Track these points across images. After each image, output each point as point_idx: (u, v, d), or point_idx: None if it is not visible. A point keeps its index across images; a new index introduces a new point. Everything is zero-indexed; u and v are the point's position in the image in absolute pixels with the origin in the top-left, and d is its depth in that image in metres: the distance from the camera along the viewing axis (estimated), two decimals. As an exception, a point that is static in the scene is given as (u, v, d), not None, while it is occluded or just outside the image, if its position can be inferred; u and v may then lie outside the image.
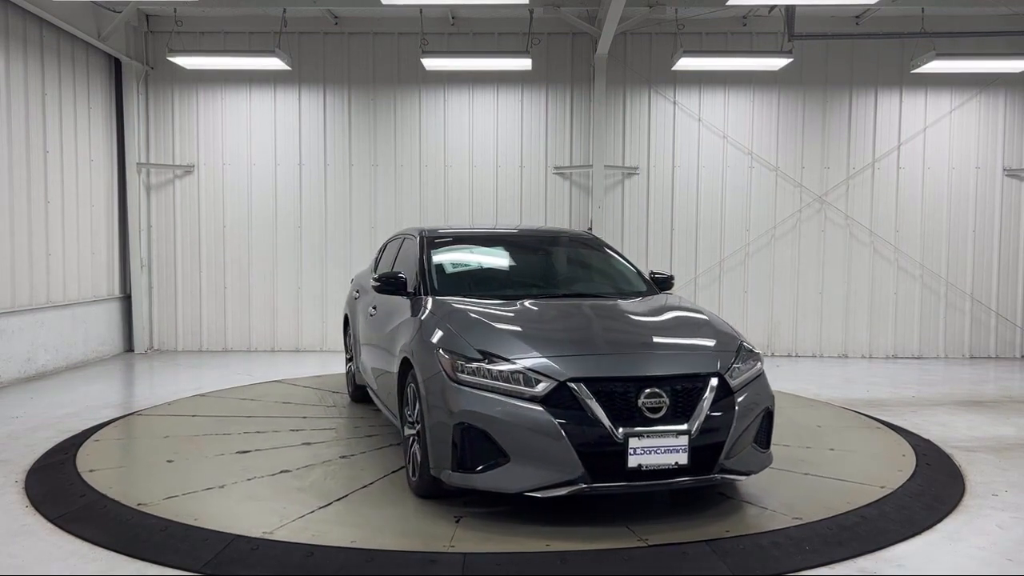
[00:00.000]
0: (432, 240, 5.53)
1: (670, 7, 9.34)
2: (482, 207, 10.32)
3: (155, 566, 3.51)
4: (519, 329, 4.27)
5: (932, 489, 4.63)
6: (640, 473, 3.80)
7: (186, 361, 9.54)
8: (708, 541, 3.75)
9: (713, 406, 3.96)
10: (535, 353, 3.97)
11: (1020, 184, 10.31)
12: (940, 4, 9.27)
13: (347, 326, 7.13)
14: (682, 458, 3.83)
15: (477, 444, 3.86)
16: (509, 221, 10.26)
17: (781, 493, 4.48)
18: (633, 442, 3.77)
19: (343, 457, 5.18)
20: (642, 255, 10.10)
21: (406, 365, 4.57)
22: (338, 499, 4.33)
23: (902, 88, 10.19)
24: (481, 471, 3.86)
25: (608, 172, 10.14)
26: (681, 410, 3.91)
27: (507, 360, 3.94)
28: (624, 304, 4.99)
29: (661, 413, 3.86)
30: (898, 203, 10.29)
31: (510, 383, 3.88)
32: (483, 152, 10.32)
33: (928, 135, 10.24)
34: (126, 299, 10.23)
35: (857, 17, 9.85)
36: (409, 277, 5.17)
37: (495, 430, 3.81)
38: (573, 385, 3.83)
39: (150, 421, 6.24)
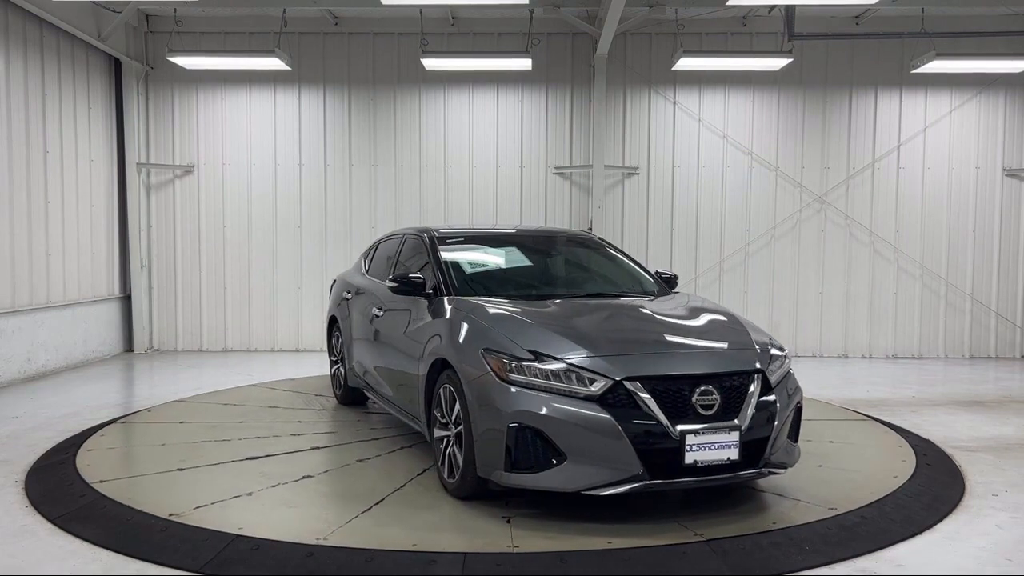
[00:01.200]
0: (443, 240, 5.49)
1: (670, 7, 9.33)
2: (482, 207, 10.32)
3: (155, 566, 3.51)
4: (562, 328, 4.27)
5: (932, 489, 4.63)
6: (696, 469, 3.86)
7: (186, 361, 9.54)
8: (708, 541, 3.75)
9: (758, 402, 4.07)
10: (586, 352, 4.00)
11: (1020, 184, 10.31)
12: (940, 4, 9.27)
13: (331, 328, 7.01)
14: (734, 453, 3.91)
15: (533, 444, 3.87)
16: (509, 221, 10.26)
17: (804, 486, 4.58)
18: (690, 439, 3.83)
19: (360, 461, 5.11)
20: (642, 255, 10.10)
21: (439, 367, 4.53)
22: (376, 503, 4.27)
23: (902, 88, 10.19)
24: (538, 471, 3.87)
25: (608, 172, 10.14)
26: (730, 407, 4.00)
27: (559, 359, 3.95)
28: (650, 303, 5.03)
29: (713, 410, 3.94)
30: (898, 203, 10.29)
31: (563, 382, 3.89)
32: (483, 152, 10.32)
33: (928, 135, 10.24)
34: (126, 299, 10.23)
35: (857, 17, 9.85)
36: (425, 278, 5.12)
37: (551, 430, 3.82)
38: (629, 384, 3.86)
39: (136, 429, 5.99)
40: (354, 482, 4.68)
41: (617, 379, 3.86)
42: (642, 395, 3.85)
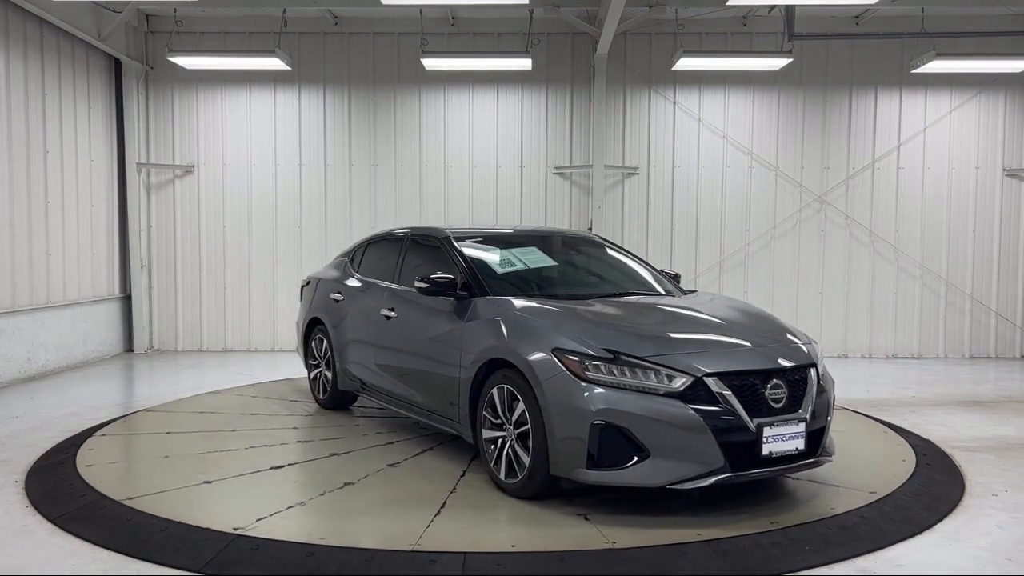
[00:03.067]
0: (460, 240, 5.43)
1: (670, 7, 9.34)
2: (482, 207, 10.33)
3: (155, 566, 3.51)
4: (628, 327, 4.32)
5: (932, 489, 4.63)
6: (771, 460, 4.02)
7: (186, 361, 9.54)
8: (708, 541, 3.75)
9: (815, 394, 4.27)
10: (662, 350, 4.07)
11: (1020, 184, 10.31)
12: (940, 4, 9.28)
13: (310, 330, 6.75)
14: (800, 444, 4.11)
15: (616, 441, 3.90)
16: (509, 221, 10.26)
17: (830, 475, 4.74)
18: (766, 431, 3.98)
19: (391, 465, 4.99)
20: (642, 255, 10.10)
21: (490, 367, 4.49)
22: (441, 506, 4.23)
23: (902, 88, 10.19)
24: (623, 467, 3.91)
25: (608, 172, 10.14)
26: (794, 399, 4.17)
27: (638, 357, 4.01)
28: (689, 301, 5.08)
29: (782, 403, 4.10)
30: (898, 203, 10.29)
31: (643, 380, 3.95)
32: (483, 152, 10.32)
33: (928, 135, 10.24)
34: (126, 299, 10.23)
35: (857, 17, 9.85)
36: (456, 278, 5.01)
37: (635, 427, 3.87)
38: (710, 380, 3.95)
39: (125, 441, 5.63)
40: (399, 487, 4.57)
41: (698, 375, 3.94)
42: (723, 390, 3.95)
